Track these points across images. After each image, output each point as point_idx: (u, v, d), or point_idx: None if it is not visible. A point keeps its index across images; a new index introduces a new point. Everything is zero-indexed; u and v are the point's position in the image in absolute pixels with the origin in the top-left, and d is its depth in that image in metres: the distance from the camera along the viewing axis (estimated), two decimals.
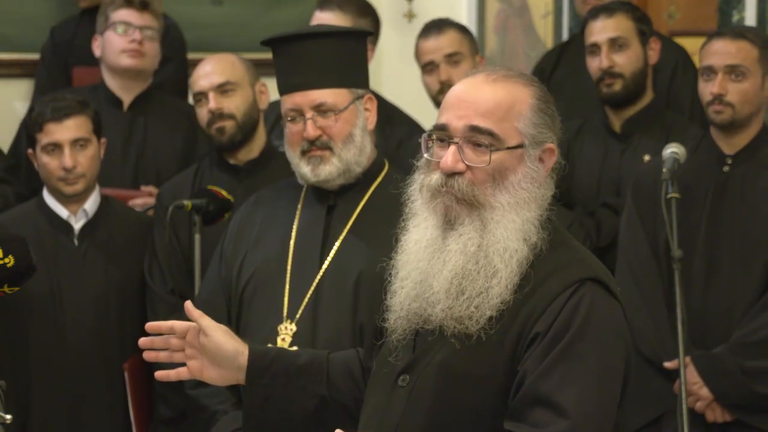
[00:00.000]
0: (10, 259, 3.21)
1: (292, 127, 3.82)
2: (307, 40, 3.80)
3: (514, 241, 2.69)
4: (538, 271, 2.69)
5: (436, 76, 5.25)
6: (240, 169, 4.70)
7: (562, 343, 2.60)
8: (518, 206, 2.71)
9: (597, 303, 2.66)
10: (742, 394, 4.30)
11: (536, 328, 2.64)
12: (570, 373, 2.59)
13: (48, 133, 4.53)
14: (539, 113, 2.74)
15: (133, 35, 5.16)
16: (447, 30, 5.30)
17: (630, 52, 4.82)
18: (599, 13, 4.86)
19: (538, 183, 2.74)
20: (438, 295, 2.71)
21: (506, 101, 2.72)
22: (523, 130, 2.72)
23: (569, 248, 2.77)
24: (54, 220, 4.60)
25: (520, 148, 2.72)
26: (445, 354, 2.69)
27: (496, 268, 2.68)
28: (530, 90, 2.76)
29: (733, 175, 4.41)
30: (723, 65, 4.37)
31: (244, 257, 3.91)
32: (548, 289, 2.67)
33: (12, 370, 4.45)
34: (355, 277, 3.76)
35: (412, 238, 2.82)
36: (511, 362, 2.65)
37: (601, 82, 4.84)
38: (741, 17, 5.10)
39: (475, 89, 2.75)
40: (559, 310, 2.64)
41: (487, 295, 2.67)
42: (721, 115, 4.39)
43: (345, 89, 3.80)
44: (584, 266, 2.71)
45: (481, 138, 2.70)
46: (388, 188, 3.89)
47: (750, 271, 4.34)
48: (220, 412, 3.87)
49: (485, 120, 2.71)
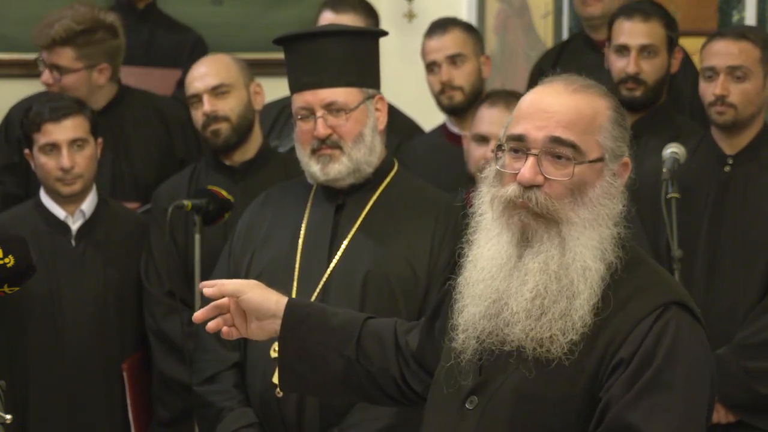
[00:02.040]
0: (10, 259, 3.20)
1: (302, 126, 3.82)
2: (320, 38, 3.81)
3: (592, 260, 2.59)
4: (618, 293, 2.60)
5: (438, 77, 5.26)
6: (236, 170, 4.69)
7: (649, 372, 2.51)
8: (597, 223, 2.61)
9: (683, 330, 2.57)
10: (745, 396, 4.30)
11: (620, 354, 2.54)
12: (658, 403, 2.51)
13: (46, 134, 4.52)
14: (617, 126, 2.65)
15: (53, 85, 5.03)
16: (451, 30, 5.30)
17: (657, 60, 4.79)
18: (635, 13, 4.79)
19: (615, 198, 2.65)
20: (518, 315, 2.61)
21: (588, 113, 2.62)
22: (603, 143, 2.62)
23: (648, 268, 2.68)
24: (51, 220, 4.60)
25: (600, 162, 2.62)
26: (520, 376, 2.59)
27: (578, 289, 2.58)
28: (607, 102, 2.67)
29: (734, 175, 4.41)
30: (725, 66, 4.36)
31: (253, 255, 3.91)
32: (631, 312, 2.57)
33: (11, 371, 4.44)
34: (363, 276, 3.77)
35: (485, 255, 2.69)
36: (591, 388, 2.55)
37: (622, 84, 4.81)
38: (741, 17, 5.10)
39: (554, 99, 2.63)
40: (644, 336, 2.54)
41: (571, 318, 2.57)
42: (724, 116, 4.38)
43: (356, 89, 3.81)
44: (667, 288, 2.62)
45: (563, 150, 2.59)
46: (397, 188, 3.91)
47: (752, 272, 4.33)
48: (227, 409, 3.87)
49: (568, 132, 2.59)
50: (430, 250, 3.79)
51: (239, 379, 3.89)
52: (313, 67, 3.77)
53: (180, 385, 4.50)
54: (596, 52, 5.24)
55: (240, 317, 2.94)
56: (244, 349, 3.89)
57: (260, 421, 3.81)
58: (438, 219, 3.82)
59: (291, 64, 3.85)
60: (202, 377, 3.95)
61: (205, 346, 3.97)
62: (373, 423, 3.70)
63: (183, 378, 4.45)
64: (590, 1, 5.35)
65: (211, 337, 3.94)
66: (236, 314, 2.94)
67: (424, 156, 5.13)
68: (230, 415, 3.84)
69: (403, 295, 3.75)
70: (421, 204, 3.86)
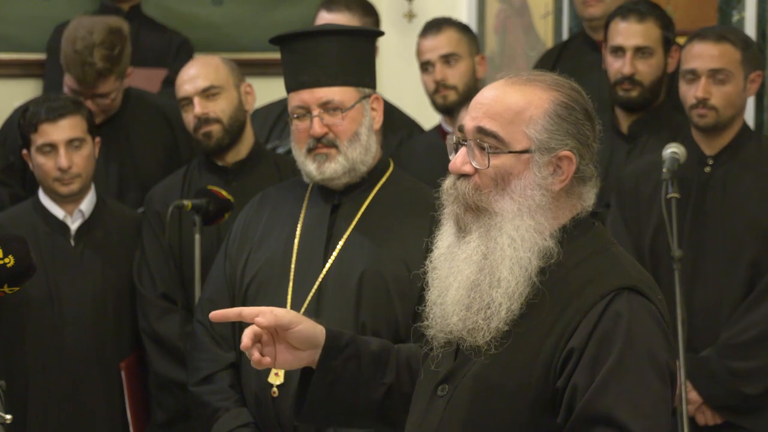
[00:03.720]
0: (10, 259, 3.21)
1: (298, 125, 3.83)
2: (316, 38, 3.82)
3: (519, 250, 2.62)
4: (571, 282, 2.62)
5: (432, 76, 5.26)
6: (228, 171, 4.70)
7: (611, 360, 2.53)
8: (521, 213, 2.63)
9: (636, 312, 2.58)
10: (730, 396, 4.31)
11: (571, 343, 2.57)
12: (625, 388, 2.52)
13: (43, 134, 4.52)
14: (555, 119, 2.65)
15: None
16: (445, 30, 5.31)
17: (653, 60, 4.80)
18: (630, 14, 4.80)
19: (546, 191, 2.65)
20: (453, 306, 2.67)
21: (518, 105, 2.65)
22: (532, 135, 2.64)
23: (608, 256, 2.69)
24: (50, 220, 4.60)
25: (526, 153, 2.64)
26: (480, 365, 2.62)
27: (500, 278, 2.62)
28: (551, 95, 2.67)
29: (714, 176, 4.42)
30: (706, 69, 4.38)
31: (249, 255, 3.91)
32: (583, 300, 2.59)
33: (10, 370, 4.44)
34: (358, 276, 3.77)
35: (438, 245, 2.77)
36: (545, 377, 2.58)
37: (618, 85, 4.81)
38: (741, 17, 5.09)
39: (491, 92, 2.69)
40: (595, 322, 2.56)
41: (495, 307, 2.61)
42: (705, 119, 4.41)
43: (352, 88, 3.81)
44: (620, 275, 2.63)
45: (487, 140, 2.65)
46: (392, 188, 3.91)
47: (734, 272, 4.34)
48: (222, 409, 3.87)
49: (492, 122, 2.65)
50: (426, 250, 3.79)
51: (235, 379, 3.89)
52: (309, 67, 3.78)
53: (176, 386, 4.51)
54: (596, 52, 5.24)
55: (271, 346, 2.85)
56: (240, 349, 3.88)
57: (256, 421, 3.81)
58: (434, 219, 3.82)
59: (287, 64, 3.86)
60: (198, 377, 3.95)
61: (200, 346, 3.97)
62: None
63: (179, 379, 4.45)
64: (591, 2, 5.34)
65: (206, 337, 3.94)
66: (269, 343, 2.85)
67: (422, 155, 5.14)
68: (226, 415, 3.85)
69: (399, 295, 3.75)
70: (417, 204, 3.86)
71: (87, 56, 4.87)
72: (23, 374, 4.51)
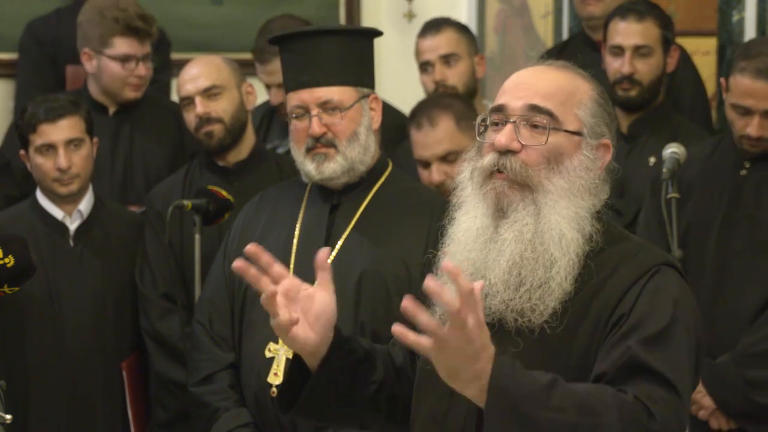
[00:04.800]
0: (10, 259, 3.21)
1: (297, 125, 3.83)
2: (315, 37, 3.82)
3: (569, 230, 2.61)
4: (603, 265, 2.62)
5: (431, 76, 5.26)
6: (229, 171, 4.70)
7: (661, 321, 2.53)
8: (572, 193, 2.63)
9: (680, 287, 2.61)
10: (744, 404, 4.28)
11: (620, 310, 2.56)
12: (671, 351, 2.52)
13: (42, 134, 4.52)
14: (599, 106, 2.68)
15: (137, 70, 5.06)
16: (444, 30, 5.30)
17: (652, 60, 4.80)
18: (629, 13, 4.80)
19: (594, 174, 2.66)
20: (496, 287, 2.61)
21: (568, 87, 2.67)
22: (582, 117, 2.65)
23: (631, 241, 2.71)
24: (49, 221, 4.60)
25: (578, 135, 2.65)
26: (510, 351, 2.56)
27: (554, 257, 2.60)
28: (591, 85, 2.71)
29: (749, 179, 4.38)
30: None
31: None
32: (622, 277, 2.60)
33: (10, 371, 4.44)
34: (358, 276, 3.77)
35: (461, 228, 2.70)
36: (586, 357, 2.56)
37: (617, 84, 4.81)
38: (741, 17, 5.09)
39: (535, 74, 2.69)
40: (637, 296, 2.56)
41: (549, 287, 2.58)
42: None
43: (351, 88, 3.81)
44: (654, 253, 2.67)
45: (540, 118, 2.63)
46: (391, 188, 3.91)
47: (761, 278, 4.29)
48: (222, 410, 3.87)
49: (546, 100, 2.63)
50: (425, 250, 3.80)
51: (234, 380, 3.89)
52: (308, 66, 3.78)
53: (178, 386, 4.51)
54: (596, 52, 5.23)
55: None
56: (239, 349, 3.89)
57: (255, 421, 3.81)
58: (432, 218, 3.82)
59: (286, 64, 3.86)
60: (198, 377, 3.95)
61: (200, 346, 3.97)
62: None
63: (180, 379, 4.45)
64: (590, 1, 5.34)
65: (205, 337, 3.95)
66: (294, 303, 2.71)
67: None
68: (225, 415, 3.85)
69: (398, 294, 3.74)
70: (416, 203, 3.86)
71: (131, 11, 4.97)
72: (23, 375, 4.51)
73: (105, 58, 5.03)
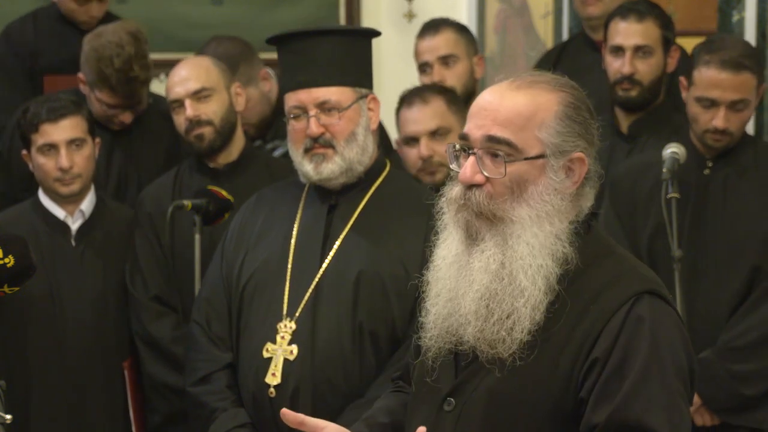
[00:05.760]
0: (10, 259, 3.21)
1: (295, 125, 3.83)
2: (313, 38, 3.82)
3: (539, 258, 2.58)
4: (584, 288, 2.58)
5: (430, 77, 5.26)
6: (219, 172, 4.69)
7: (637, 367, 2.50)
8: (540, 220, 2.59)
9: (658, 317, 2.56)
10: (730, 398, 4.30)
11: (594, 353, 2.52)
12: (654, 395, 2.50)
13: (43, 134, 4.52)
14: (566, 120, 2.61)
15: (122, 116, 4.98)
16: (443, 30, 5.30)
17: (652, 60, 4.80)
18: (629, 13, 4.80)
19: (562, 195, 2.61)
20: (468, 316, 2.61)
21: (527, 109, 2.60)
22: (545, 139, 2.59)
23: (617, 259, 2.66)
24: (50, 221, 4.60)
25: (541, 159, 2.59)
26: (493, 378, 2.57)
27: (522, 287, 2.57)
28: (557, 96, 2.63)
29: (714, 178, 4.41)
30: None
31: (245, 256, 3.91)
32: (602, 306, 2.55)
33: (12, 371, 4.44)
34: (355, 276, 3.77)
35: (440, 254, 2.71)
36: (567, 387, 2.54)
37: (618, 84, 4.82)
38: (741, 17, 5.09)
39: (495, 97, 2.63)
40: (618, 330, 2.52)
41: (518, 317, 2.56)
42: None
43: (349, 88, 3.81)
44: (636, 278, 2.60)
45: (500, 148, 2.58)
46: (389, 188, 3.91)
47: (734, 274, 4.32)
48: (220, 410, 3.87)
49: (503, 129, 2.59)
50: (423, 250, 3.80)
51: (232, 380, 3.89)
52: (306, 67, 3.78)
53: (169, 390, 4.51)
54: (596, 52, 5.24)
55: None
56: (237, 349, 3.89)
57: (253, 422, 3.81)
58: (430, 218, 3.82)
59: (284, 64, 3.86)
60: (195, 378, 3.94)
61: (197, 346, 3.97)
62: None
63: (171, 382, 4.46)
64: (590, 1, 5.35)
65: (203, 337, 3.94)
66: None
67: None
68: (223, 416, 3.84)
69: (396, 295, 3.75)
70: (414, 204, 3.86)
71: (129, 71, 4.88)
72: (25, 374, 4.52)
73: (93, 95, 5.00)
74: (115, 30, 4.96)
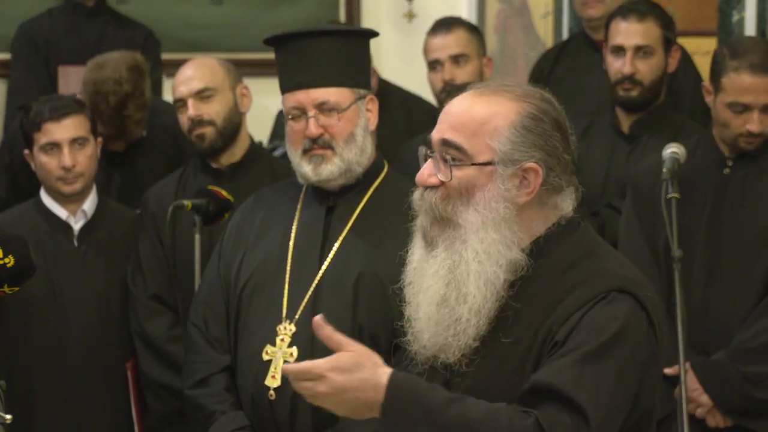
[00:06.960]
0: (10, 259, 3.21)
1: (293, 126, 3.82)
2: (311, 38, 3.81)
3: (485, 264, 2.59)
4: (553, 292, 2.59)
5: (440, 75, 5.26)
6: (223, 173, 4.70)
7: (588, 347, 2.51)
8: (485, 226, 2.60)
9: (626, 315, 2.56)
10: (742, 400, 4.29)
11: (556, 337, 2.54)
12: (591, 375, 2.50)
13: (46, 133, 4.52)
14: (521, 130, 2.61)
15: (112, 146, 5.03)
16: (455, 30, 5.31)
17: (653, 60, 4.80)
18: (630, 13, 4.81)
19: (512, 204, 2.61)
20: (426, 321, 2.65)
21: (482, 116, 2.62)
22: (495, 146, 2.60)
23: (596, 260, 2.66)
24: (52, 220, 4.60)
25: (489, 165, 2.61)
26: (473, 381, 2.60)
27: (467, 293, 2.60)
28: (518, 105, 2.63)
29: (733, 178, 4.40)
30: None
31: (243, 257, 3.90)
32: (569, 305, 2.57)
33: (13, 371, 4.44)
34: (355, 277, 3.76)
35: (409, 259, 2.75)
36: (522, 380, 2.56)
37: (619, 85, 4.82)
38: (741, 17, 5.10)
39: (459, 103, 2.67)
40: (579, 319, 2.54)
41: (462, 323, 2.58)
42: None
43: (348, 89, 3.80)
44: (611, 277, 2.61)
45: (451, 152, 2.63)
46: (387, 189, 3.90)
47: (750, 276, 4.31)
48: (218, 412, 3.86)
49: (456, 134, 2.62)
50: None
51: (231, 382, 3.88)
52: (304, 67, 3.77)
53: (163, 389, 4.51)
54: (596, 52, 5.24)
55: None
56: (235, 351, 3.88)
57: (252, 424, 3.80)
58: None
59: (282, 64, 3.85)
60: (194, 380, 3.93)
61: (195, 348, 3.96)
62: (366, 425, 3.69)
63: (165, 381, 4.46)
64: (591, 3, 5.35)
65: (201, 339, 3.93)
66: None
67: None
68: (222, 419, 3.83)
69: (396, 296, 3.74)
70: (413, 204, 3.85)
71: (123, 109, 4.90)
72: (26, 375, 4.52)
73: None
74: (117, 65, 4.97)
